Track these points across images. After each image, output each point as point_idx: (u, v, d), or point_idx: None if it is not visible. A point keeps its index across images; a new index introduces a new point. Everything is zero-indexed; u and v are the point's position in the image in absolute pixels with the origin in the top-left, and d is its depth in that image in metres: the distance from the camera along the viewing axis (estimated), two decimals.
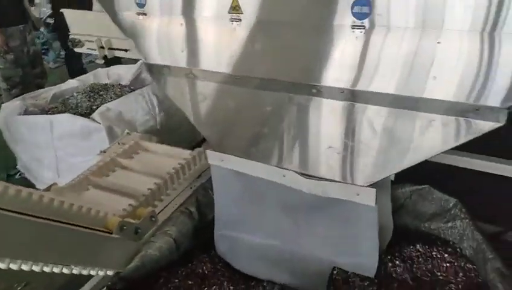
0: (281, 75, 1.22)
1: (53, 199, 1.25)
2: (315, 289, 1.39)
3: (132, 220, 1.50)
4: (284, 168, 1.36)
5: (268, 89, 1.28)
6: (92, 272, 1.46)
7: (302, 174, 1.33)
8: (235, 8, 1.26)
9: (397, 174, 1.30)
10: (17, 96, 3.30)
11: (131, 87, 2.99)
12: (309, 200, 1.35)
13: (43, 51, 5.37)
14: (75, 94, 2.94)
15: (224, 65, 1.32)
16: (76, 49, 2.39)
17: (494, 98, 0.95)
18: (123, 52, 2.22)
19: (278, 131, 1.32)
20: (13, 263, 1.17)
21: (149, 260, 1.44)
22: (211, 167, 1.54)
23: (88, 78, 3.32)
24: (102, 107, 2.38)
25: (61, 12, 2.76)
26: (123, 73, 3.36)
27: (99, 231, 1.38)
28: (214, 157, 1.50)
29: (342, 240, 1.38)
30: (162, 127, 2.52)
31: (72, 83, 3.19)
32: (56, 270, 1.33)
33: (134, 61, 4.21)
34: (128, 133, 2.25)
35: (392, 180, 1.43)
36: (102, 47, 2.27)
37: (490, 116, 0.97)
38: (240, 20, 1.25)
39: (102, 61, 2.61)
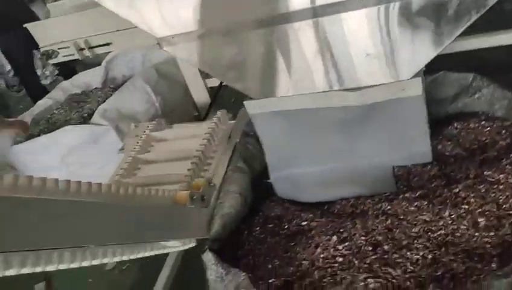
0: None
1: (124, 186, 1.27)
2: (385, 190, 1.50)
3: (196, 190, 1.56)
4: (327, 91, 1.45)
5: (295, 20, 1.34)
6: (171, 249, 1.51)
7: (346, 90, 1.42)
8: None
9: None
10: None
11: (111, 86, 2.93)
12: (358, 113, 1.45)
13: None
14: (55, 111, 2.85)
15: (245, 11, 1.36)
16: (52, 60, 2.31)
17: None
18: (106, 46, 2.17)
19: (314, 56, 1.39)
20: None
21: (228, 218, 1.51)
22: (252, 118, 1.60)
23: (57, 94, 3.20)
24: (100, 110, 2.34)
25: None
26: (90, 79, 3.26)
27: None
28: (254, 106, 1.56)
29: (395, 139, 1.49)
30: (163, 111, 2.52)
31: (43, 104, 3.07)
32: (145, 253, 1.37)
33: (86, 65, 4.13)
34: (135, 125, 2.24)
35: None
36: (81, 49, 2.21)
37: None
38: None
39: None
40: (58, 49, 2.25)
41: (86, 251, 1.07)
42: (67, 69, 4.10)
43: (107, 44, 2.16)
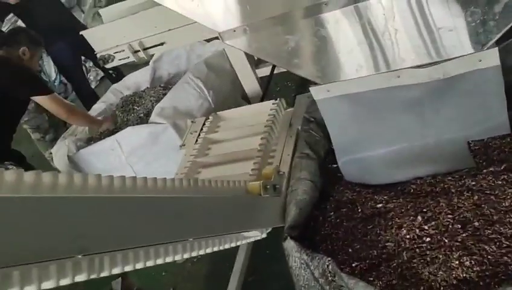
0: None
1: (197, 180, 1.29)
2: (462, 166, 1.46)
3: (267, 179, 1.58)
4: (395, 70, 1.42)
5: (360, 1, 1.31)
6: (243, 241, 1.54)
7: (416, 67, 1.39)
8: None
9: None
10: (52, 140, 3.30)
11: (161, 85, 3.00)
12: (430, 89, 1.41)
13: None
14: (112, 114, 2.95)
15: None
16: (108, 65, 2.38)
17: None
18: (159, 46, 2.22)
19: (380, 36, 1.37)
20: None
21: (303, 204, 1.52)
22: (318, 103, 1.59)
23: (109, 97, 3.31)
24: (157, 109, 2.41)
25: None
26: (139, 79, 3.35)
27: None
28: (319, 92, 1.55)
29: (470, 113, 1.45)
30: (216, 105, 2.55)
31: (98, 108, 3.18)
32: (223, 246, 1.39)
33: (133, 67, 4.23)
34: (192, 121, 2.29)
35: None
36: (136, 51, 2.26)
37: None
38: None
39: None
40: (114, 53, 2.30)
41: (178, 245, 1.10)
42: (113, 72, 4.24)
43: (161, 44, 2.20)
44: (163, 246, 1.02)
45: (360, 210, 1.53)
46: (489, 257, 1.10)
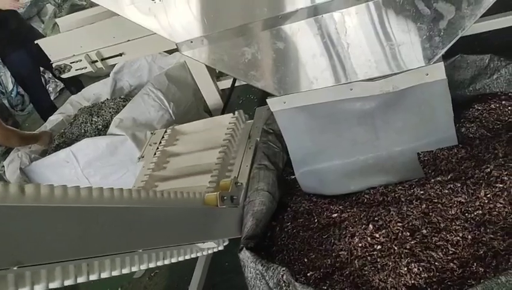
0: None
1: (154, 191, 1.27)
2: (412, 176, 1.51)
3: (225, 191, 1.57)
4: (348, 83, 1.46)
5: (316, 14, 1.35)
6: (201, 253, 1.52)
7: (368, 80, 1.43)
8: None
9: None
10: (4, 154, 3.18)
11: (121, 96, 2.95)
12: (381, 102, 1.46)
13: None
14: (68, 126, 2.87)
15: (264, 10, 1.37)
16: (65, 75, 2.33)
17: None
18: (118, 57, 2.19)
19: (334, 50, 1.41)
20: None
21: (260, 215, 1.52)
22: (274, 114, 1.61)
23: (67, 108, 3.23)
24: (115, 120, 2.36)
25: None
26: (99, 90, 3.29)
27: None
28: (276, 103, 1.57)
29: (420, 125, 1.51)
30: (177, 117, 2.53)
31: (55, 119, 3.10)
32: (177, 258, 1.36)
33: (91, 78, 4.14)
34: (152, 133, 2.26)
35: None
36: (94, 61, 2.22)
37: None
38: None
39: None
40: (71, 63, 2.25)
41: (125, 257, 1.07)
42: (72, 83, 4.14)
43: (120, 54, 2.17)
44: (109, 257, 0.99)
45: (316, 220, 1.55)
46: (436, 263, 1.14)
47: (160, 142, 2.08)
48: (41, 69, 4.01)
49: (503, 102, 1.57)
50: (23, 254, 0.65)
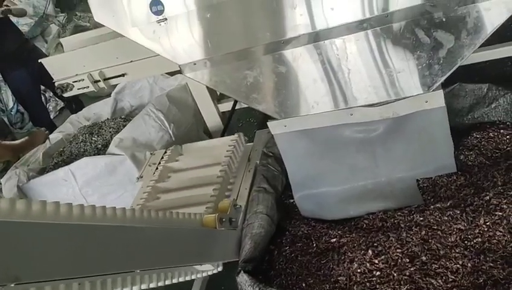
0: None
1: (149, 211, 1.26)
2: (411, 203, 1.51)
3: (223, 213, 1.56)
4: (349, 108, 1.47)
5: (317, 40, 1.38)
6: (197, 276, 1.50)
7: (368, 106, 1.45)
8: None
9: None
10: (1, 171, 3.17)
11: (121, 116, 2.97)
12: (381, 128, 1.48)
13: None
14: (67, 144, 2.87)
15: (266, 35, 1.40)
16: (66, 94, 2.34)
17: None
18: (120, 77, 2.21)
19: (334, 75, 1.43)
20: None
21: (258, 238, 1.51)
22: (275, 137, 1.62)
23: (67, 127, 3.23)
24: (115, 139, 2.36)
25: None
26: (100, 110, 3.30)
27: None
28: (276, 126, 1.58)
29: (419, 152, 1.52)
30: (177, 138, 2.54)
31: (54, 138, 3.09)
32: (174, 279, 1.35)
33: (91, 98, 4.17)
34: (152, 153, 2.26)
35: None
36: (96, 81, 2.24)
37: None
38: None
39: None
40: (73, 82, 2.27)
41: (117, 278, 1.06)
42: (73, 102, 4.17)
43: (122, 75, 2.19)
44: (111, 277, 0.98)
45: (315, 245, 1.54)
46: None
47: (159, 163, 2.08)
48: (42, 88, 4.05)
49: (502, 131, 1.59)
50: (20, 269, 0.64)
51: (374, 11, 1.27)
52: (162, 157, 2.14)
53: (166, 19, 1.48)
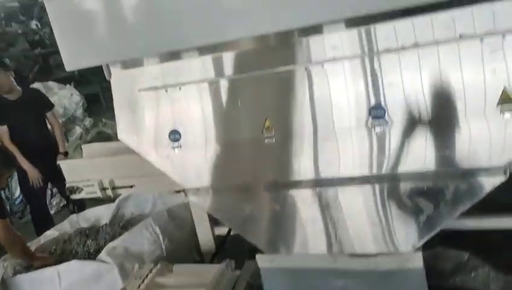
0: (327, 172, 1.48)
1: None
2: None
3: None
4: (335, 254, 1.55)
5: (305, 187, 1.52)
6: None
7: (353, 256, 1.53)
8: (268, 128, 1.55)
9: None
10: None
11: (120, 223, 3.03)
12: (362, 278, 1.54)
13: None
14: (61, 244, 2.89)
15: (268, 175, 1.56)
16: (74, 196, 2.47)
17: None
18: (128, 188, 2.35)
19: (325, 220, 1.54)
20: None
21: None
22: (261, 271, 1.68)
23: (64, 226, 3.27)
24: (109, 247, 2.40)
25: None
26: (100, 214, 3.38)
27: None
28: (264, 260, 1.65)
29: None
30: (168, 254, 2.57)
31: (50, 235, 3.12)
32: None
33: (94, 201, 4.26)
34: (140, 266, 2.28)
35: None
36: (104, 188, 2.38)
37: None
38: (273, 137, 1.53)
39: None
40: (83, 186, 2.42)
41: None
42: (76, 202, 4.24)
43: (131, 186, 2.34)
44: None
45: None
46: None
47: (146, 276, 2.09)
48: (49, 184, 4.16)
49: None
50: None
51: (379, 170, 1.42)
52: (150, 271, 2.16)
53: (180, 146, 1.67)
